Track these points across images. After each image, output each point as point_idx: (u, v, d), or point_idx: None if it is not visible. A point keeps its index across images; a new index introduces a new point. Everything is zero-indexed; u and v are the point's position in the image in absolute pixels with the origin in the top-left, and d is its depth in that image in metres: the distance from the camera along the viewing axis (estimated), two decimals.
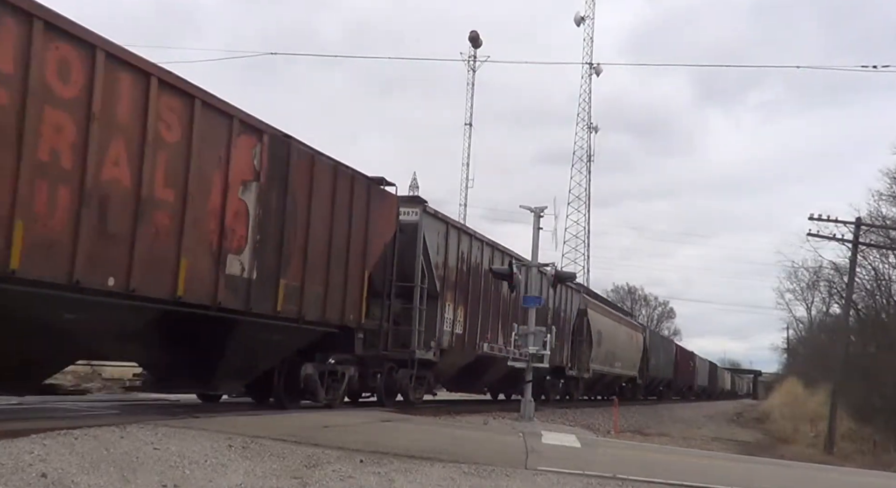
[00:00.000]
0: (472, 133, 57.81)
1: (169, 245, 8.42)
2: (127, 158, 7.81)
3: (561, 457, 8.56)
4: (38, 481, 5.06)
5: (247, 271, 9.62)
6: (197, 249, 8.79)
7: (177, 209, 8.50)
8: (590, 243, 60.62)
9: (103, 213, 7.56)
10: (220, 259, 9.17)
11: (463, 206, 56.34)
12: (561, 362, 23.90)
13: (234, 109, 9.31)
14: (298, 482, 5.92)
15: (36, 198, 6.85)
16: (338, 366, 12.42)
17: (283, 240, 10.30)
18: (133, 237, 7.88)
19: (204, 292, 8.96)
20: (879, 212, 34.90)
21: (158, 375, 10.56)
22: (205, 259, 8.94)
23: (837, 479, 10.74)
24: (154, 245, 8.18)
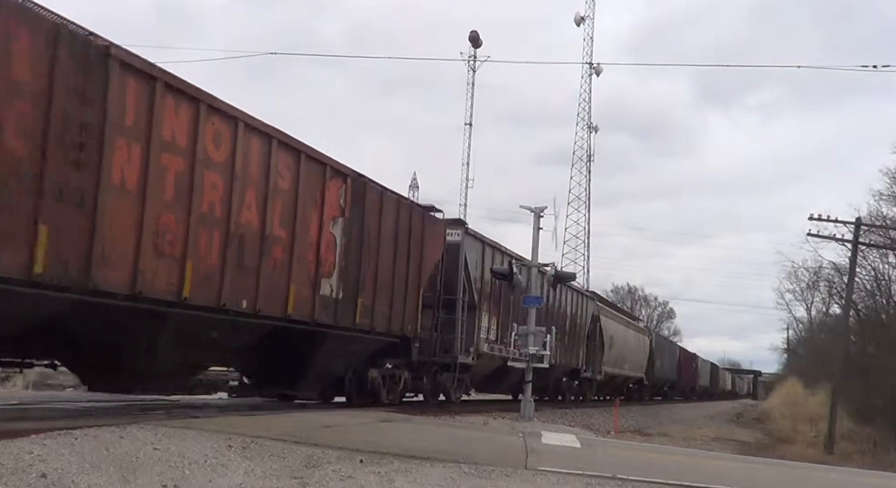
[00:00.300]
0: (472, 133, 57.74)
1: (282, 273, 10.45)
2: (256, 205, 9.85)
3: (561, 457, 8.56)
4: (38, 481, 5.06)
5: (334, 292, 11.67)
6: (301, 275, 10.83)
7: (287, 244, 10.53)
8: (590, 243, 60.57)
9: (241, 250, 9.60)
10: (316, 282, 11.19)
11: (463, 206, 56.30)
12: (577, 365, 25.76)
13: (327, 158, 11.32)
14: (298, 482, 5.92)
15: (199, 241, 8.92)
16: (395, 371, 14.35)
17: (361, 264, 12.32)
18: (259, 268, 9.94)
19: (305, 311, 10.98)
20: (879, 212, 34.94)
21: (257, 380, 12.61)
22: (306, 283, 10.97)
23: (837, 479, 10.74)
24: (273, 273, 10.23)
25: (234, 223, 9.41)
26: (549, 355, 16.23)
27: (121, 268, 7.90)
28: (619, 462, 8.77)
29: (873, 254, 35.32)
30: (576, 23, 60.03)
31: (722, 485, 7.57)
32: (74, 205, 7.33)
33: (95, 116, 7.54)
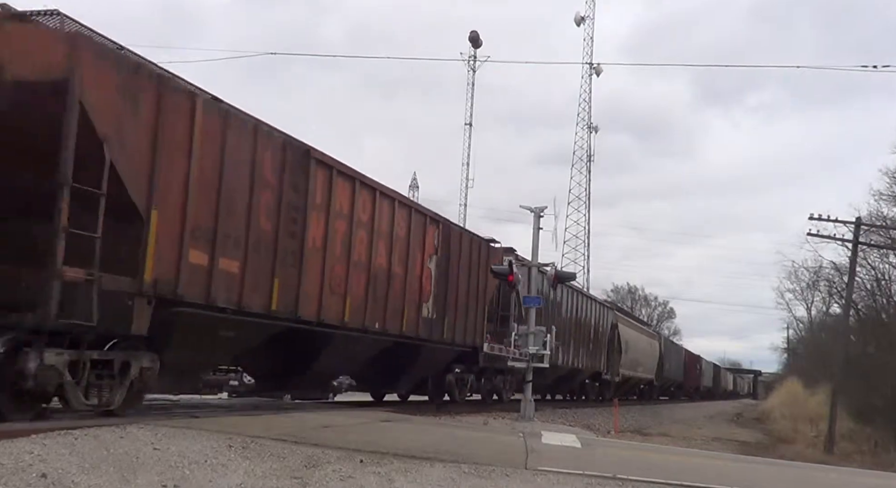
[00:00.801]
0: (472, 133, 57.80)
1: (399, 300, 13.61)
2: (385, 250, 13.06)
3: (561, 457, 8.56)
4: (38, 481, 5.06)
5: (430, 313, 14.82)
6: (411, 302, 14.05)
7: (403, 278, 13.70)
8: (590, 243, 60.61)
9: (376, 286, 12.76)
10: (419, 306, 14.40)
11: (463, 206, 56.34)
12: (599, 368, 28.78)
13: (427, 210, 15.01)
14: (298, 482, 5.92)
15: (353, 281, 12.02)
16: (464, 374, 17.40)
17: (447, 290, 15.44)
18: (386, 298, 13.12)
19: (413, 328, 14.14)
20: (879, 211, 34.90)
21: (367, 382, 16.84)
22: (413, 307, 14.17)
23: (837, 479, 10.73)
24: (394, 301, 13.38)
25: (373, 266, 12.65)
26: (549, 355, 16.25)
27: (312, 303, 11.06)
28: (619, 462, 8.77)
29: (873, 254, 35.32)
30: (576, 23, 60.10)
31: (722, 485, 7.57)
32: (290, 264, 10.44)
33: (301, 199, 10.66)
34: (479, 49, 57.40)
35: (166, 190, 8.35)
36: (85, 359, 7.68)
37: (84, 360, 7.67)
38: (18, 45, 7.28)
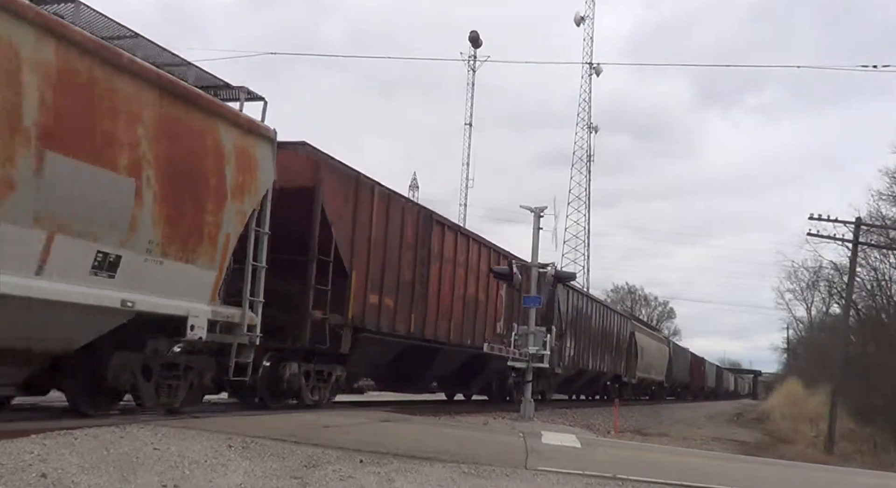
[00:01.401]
0: (472, 133, 57.87)
1: (482, 321, 17.64)
2: (473, 283, 17.13)
3: (561, 457, 8.56)
4: (38, 481, 5.06)
5: (501, 329, 18.03)
6: (489, 322, 17.94)
7: (484, 303, 17.82)
8: (590, 243, 60.64)
9: (468, 310, 16.78)
10: (494, 325, 18.13)
11: (463, 206, 56.37)
12: (619, 371, 32.92)
13: (501, 249, 18.95)
14: (298, 482, 5.92)
15: (455, 309, 16.22)
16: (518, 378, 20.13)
17: (511, 310, 18.83)
18: (474, 319, 17.23)
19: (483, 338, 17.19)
20: (879, 212, 34.92)
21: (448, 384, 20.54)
22: (491, 326, 18.01)
23: (837, 479, 10.73)
24: (479, 322, 17.45)
25: (466, 295, 16.74)
26: (549, 355, 16.26)
27: (431, 327, 15.08)
28: (619, 462, 8.77)
29: (873, 254, 35.33)
30: (576, 23, 60.14)
31: (722, 485, 7.57)
32: (420, 300, 14.57)
33: (426, 252, 14.77)
34: (479, 49, 57.46)
35: (359, 255, 12.41)
36: (311, 369, 11.89)
37: (311, 370, 11.90)
38: (283, 165, 10.15)
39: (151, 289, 7.92)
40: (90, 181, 7.11)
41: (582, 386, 30.01)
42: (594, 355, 28.17)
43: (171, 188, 8.08)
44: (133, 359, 8.36)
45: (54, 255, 6.82)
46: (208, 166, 8.67)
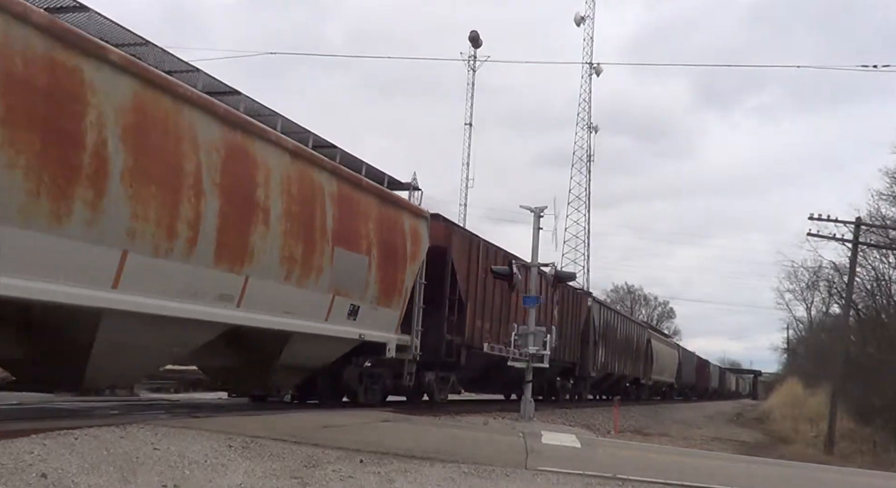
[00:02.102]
0: (472, 133, 57.80)
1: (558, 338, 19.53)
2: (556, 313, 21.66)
3: (561, 457, 8.56)
4: (38, 481, 5.06)
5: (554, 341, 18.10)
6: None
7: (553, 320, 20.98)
8: (590, 243, 60.62)
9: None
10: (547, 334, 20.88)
11: (463, 206, 56.32)
12: (638, 374, 37.38)
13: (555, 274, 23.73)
14: (298, 482, 5.92)
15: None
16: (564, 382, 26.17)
17: (562, 326, 22.55)
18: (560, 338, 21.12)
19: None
20: (879, 212, 34.88)
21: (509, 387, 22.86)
22: None
23: (837, 479, 10.74)
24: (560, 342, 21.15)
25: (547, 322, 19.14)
26: (549, 355, 16.28)
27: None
28: (619, 462, 8.77)
29: (873, 254, 35.31)
30: (576, 23, 60.07)
31: (722, 485, 7.58)
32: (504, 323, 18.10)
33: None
34: (479, 49, 57.39)
35: (471, 292, 16.78)
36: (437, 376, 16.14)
37: (438, 377, 16.25)
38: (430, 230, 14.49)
39: (371, 326, 12.52)
40: (350, 261, 11.64)
41: (608, 387, 34.25)
42: (619, 360, 32.64)
43: (382, 260, 12.53)
44: (355, 370, 13.28)
45: (334, 309, 11.40)
46: (399, 242, 13.14)
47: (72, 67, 7.08)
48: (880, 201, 34.94)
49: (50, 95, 6.84)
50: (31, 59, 6.66)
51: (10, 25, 6.44)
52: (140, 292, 7.95)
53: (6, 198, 6.52)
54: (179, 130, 8.33)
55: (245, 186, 9.31)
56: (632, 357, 35.31)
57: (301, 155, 10.45)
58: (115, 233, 7.56)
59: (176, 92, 8.29)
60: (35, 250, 6.81)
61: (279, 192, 9.88)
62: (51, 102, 6.86)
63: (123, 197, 7.59)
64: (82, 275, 7.31)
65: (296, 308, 10.50)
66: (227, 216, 8.95)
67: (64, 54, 7.00)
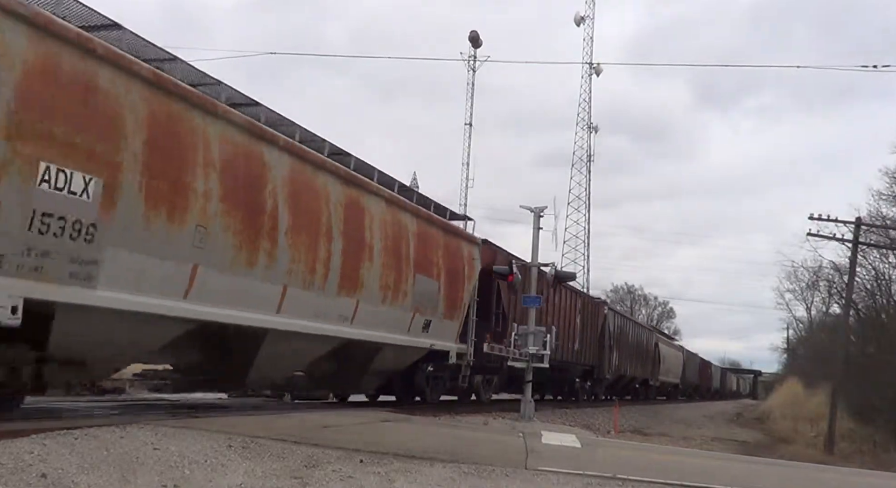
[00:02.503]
0: (472, 133, 57.80)
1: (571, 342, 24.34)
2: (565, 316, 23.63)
3: (561, 457, 8.56)
4: (38, 481, 5.06)
5: (577, 346, 24.85)
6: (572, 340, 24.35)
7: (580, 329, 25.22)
8: (590, 243, 60.65)
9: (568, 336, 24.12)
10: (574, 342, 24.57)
11: (463, 206, 56.28)
12: (647, 375, 39.80)
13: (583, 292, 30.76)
14: (298, 482, 5.92)
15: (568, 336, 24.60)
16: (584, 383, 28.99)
17: (583, 332, 25.78)
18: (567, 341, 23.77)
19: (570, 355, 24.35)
20: (879, 211, 34.86)
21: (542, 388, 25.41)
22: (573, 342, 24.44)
23: (837, 479, 10.73)
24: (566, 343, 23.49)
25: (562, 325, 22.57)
26: (549, 355, 16.29)
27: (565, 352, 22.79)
28: (619, 462, 8.77)
29: (873, 254, 35.29)
30: (576, 23, 60.08)
31: (722, 485, 7.57)
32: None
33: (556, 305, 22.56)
34: (479, 49, 57.39)
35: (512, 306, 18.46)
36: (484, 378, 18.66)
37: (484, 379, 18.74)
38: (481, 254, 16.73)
39: (438, 337, 14.92)
40: (426, 285, 14.09)
41: (620, 388, 36.87)
42: (630, 363, 35.25)
43: (448, 282, 14.95)
44: (424, 373, 15.66)
45: (413, 324, 13.79)
46: (459, 267, 15.59)
47: (258, 153, 9.52)
48: (880, 201, 34.97)
49: (246, 175, 9.30)
50: (237, 151, 9.14)
51: (228, 130, 9.01)
52: (292, 315, 10.42)
53: (222, 252, 8.95)
54: (317, 191, 10.85)
55: (358, 230, 11.90)
56: (641, 359, 37.77)
57: (393, 202, 13.20)
58: (280, 274, 10.02)
59: (315, 162, 10.85)
60: (234, 289, 9.25)
61: (379, 233, 12.52)
62: (247, 181, 9.31)
63: (286, 246, 10.06)
64: (258, 305, 9.76)
65: (387, 324, 13.04)
66: (347, 255, 11.49)
67: (254, 144, 9.47)
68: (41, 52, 6.91)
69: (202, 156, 8.64)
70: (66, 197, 7.08)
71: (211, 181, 8.74)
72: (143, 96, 7.89)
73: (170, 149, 8.24)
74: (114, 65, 7.64)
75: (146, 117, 7.92)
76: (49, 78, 6.99)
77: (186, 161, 8.45)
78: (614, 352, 31.35)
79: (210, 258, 8.80)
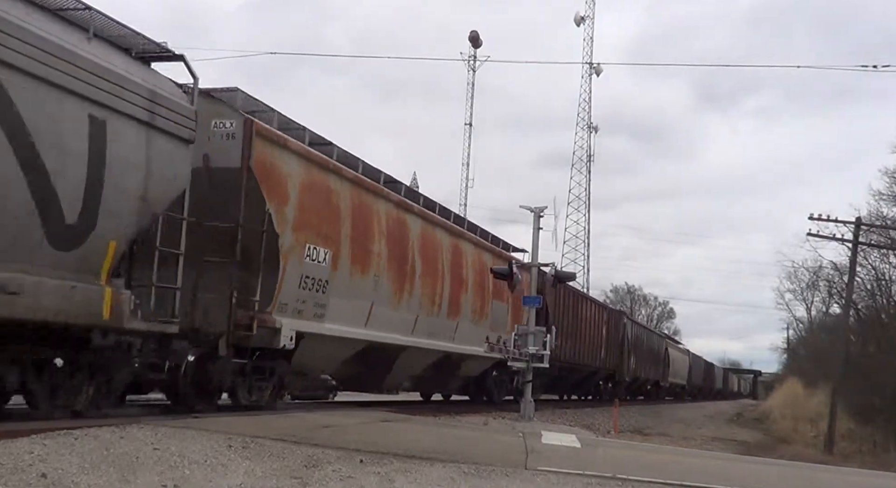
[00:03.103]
0: (472, 133, 57.88)
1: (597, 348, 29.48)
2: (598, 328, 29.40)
3: (561, 457, 8.55)
4: (38, 481, 5.06)
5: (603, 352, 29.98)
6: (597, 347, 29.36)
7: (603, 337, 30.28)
8: (590, 243, 60.67)
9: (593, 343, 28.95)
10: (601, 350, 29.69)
11: (463, 207, 56.33)
12: (657, 378, 43.53)
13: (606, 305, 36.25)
14: (298, 482, 5.92)
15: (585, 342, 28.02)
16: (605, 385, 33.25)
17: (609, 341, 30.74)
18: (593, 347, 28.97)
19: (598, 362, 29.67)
20: (879, 211, 34.84)
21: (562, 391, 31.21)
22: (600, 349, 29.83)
23: (837, 479, 10.73)
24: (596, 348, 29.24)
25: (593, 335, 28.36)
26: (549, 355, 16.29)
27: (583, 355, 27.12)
28: (619, 462, 8.77)
29: (873, 254, 35.28)
30: (576, 23, 60.13)
31: (722, 485, 7.57)
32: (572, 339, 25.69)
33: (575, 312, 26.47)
34: (479, 50, 57.41)
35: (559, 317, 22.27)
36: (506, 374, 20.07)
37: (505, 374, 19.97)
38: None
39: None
40: (499, 308, 18.09)
41: (635, 389, 40.99)
42: (644, 367, 38.98)
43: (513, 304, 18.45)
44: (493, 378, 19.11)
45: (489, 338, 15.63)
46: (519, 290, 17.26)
47: (403, 220, 13.82)
48: (880, 201, 34.95)
49: (399, 237, 13.53)
50: (393, 220, 13.40)
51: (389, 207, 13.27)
52: (420, 336, 14.47)
53: (386, 293, 13.12)
54: (435, 242, 15.06)
55: (459, 268, 16.12)
56: (653, 363, 42.04)
57: (479, 244, 17.45)
58: (414, 306, 14.19)
59: (435, 221, 15.19)
60: (390, 318, 13.29)
61: (471, 270, 16.65)
62: (399, 241, 13.53)
63: (419, 286, 14.21)
64: (401, 329, 13.78)
65: (473, 339, 16.49)
66: (452, 288, 15.69)
67: (402, 214, 13.78)
68: (306, 174, 10.85)
69: (376, 227, 12.79)
70: (316, 265, 10.98)
71: (381, 244, 12.88)
72: (350, 192, 11.95)
73: (363, 226, 12.30)
74: (337, 173, 11.64)
75: (351, 206, 11.95)
76: (309, 189, 10.86)
77: (370, 232, 12.59)
78: (632, 357, 35.23)
79: (380, 297, 12.95)
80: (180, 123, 8.33)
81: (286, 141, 10.53)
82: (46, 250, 6.96)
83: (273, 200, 10.10)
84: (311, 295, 10.89)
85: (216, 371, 9.83)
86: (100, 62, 7.36)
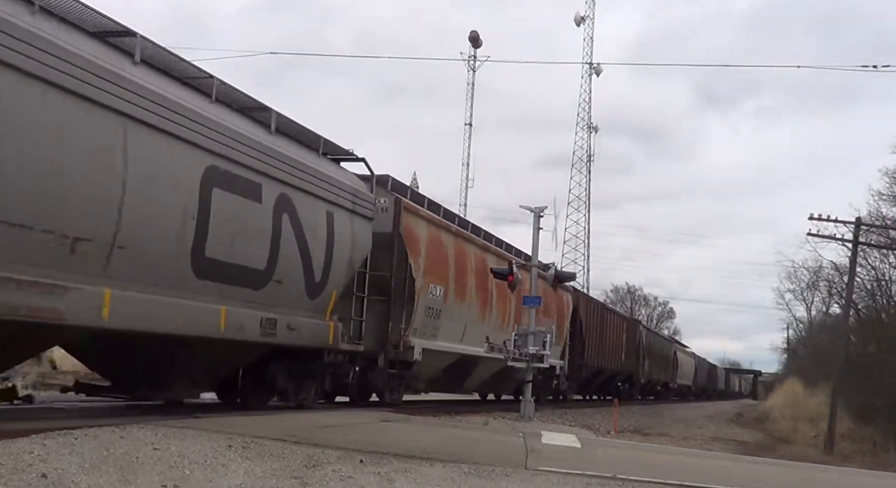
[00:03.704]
0: (472, 133, 57.89)
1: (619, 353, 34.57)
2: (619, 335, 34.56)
3: (561, 457, 8.55)
4: (38, 481, 5.06)
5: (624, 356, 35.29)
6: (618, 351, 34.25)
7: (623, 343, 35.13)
8: (590, 243, 60.69)
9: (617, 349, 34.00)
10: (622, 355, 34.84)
11: (463, 206, 56.33)
12: (668, 379, 47.79)
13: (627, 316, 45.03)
14: (298, 482, 5.92)
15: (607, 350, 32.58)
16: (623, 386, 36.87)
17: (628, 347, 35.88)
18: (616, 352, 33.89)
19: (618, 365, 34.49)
20: (879, 211, 34.82)
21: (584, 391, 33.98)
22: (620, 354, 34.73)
23: (837, 479, 10.74)
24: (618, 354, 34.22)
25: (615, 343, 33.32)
26: (549, 355, 16.31)
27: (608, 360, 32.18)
28: (619, 462, 8.77)
29: (873, 254, 35.26)
30: (576, 23, 60.13)
31: (722, 485, 7.57)
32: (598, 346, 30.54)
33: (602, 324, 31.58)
34: (479, 50, 57.41)
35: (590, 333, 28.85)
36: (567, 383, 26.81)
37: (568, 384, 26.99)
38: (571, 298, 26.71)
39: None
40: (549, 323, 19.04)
41: (648, 390, 44.91)
42: (656, 369, 42.76)
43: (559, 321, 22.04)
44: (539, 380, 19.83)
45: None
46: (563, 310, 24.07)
47: (483, 257, 18.00)
48: (880, 201, 34.92)
49: (481, 271, 17.44)
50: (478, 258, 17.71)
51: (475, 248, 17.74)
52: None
53: (474, 315, 17.41)
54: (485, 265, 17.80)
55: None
56: (664, 366, 45.82)
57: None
58: (490, 325, 17.84)
59: (487, 248, 18.60)
60: (476, 335, 16.75)
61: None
62: (482, 274, 17.43)
63: (494, 308, 18.36)
64: (480, 343, 15.84)
65: None
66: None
67: (483, 253, 18.07)
68: (429, 232, 15.29)
69: (468, 265, 17.02)
70: (434, 298, 15.25)
71: (472, 278, 17.07)
72: (453, 242, 16.44)
73: (461, 266, 16.60)
74: (446, 229, 16.32)
75: (454, 252, 16.35)
76: (431, 243, 15.23)
77: (465, 270, 16.82)
78: (646, 361, 39.36)
79: (470, 319, 17.15)
80: (367, 207, 12.27)
81: (418, 210, 15.04)
82: (305, 300, 10.83)
83: (412, 255, 14.40)
84: (430, 321, 15.23)
85: (374, 378, 14.19)
86: (331, 174, 11.30)
